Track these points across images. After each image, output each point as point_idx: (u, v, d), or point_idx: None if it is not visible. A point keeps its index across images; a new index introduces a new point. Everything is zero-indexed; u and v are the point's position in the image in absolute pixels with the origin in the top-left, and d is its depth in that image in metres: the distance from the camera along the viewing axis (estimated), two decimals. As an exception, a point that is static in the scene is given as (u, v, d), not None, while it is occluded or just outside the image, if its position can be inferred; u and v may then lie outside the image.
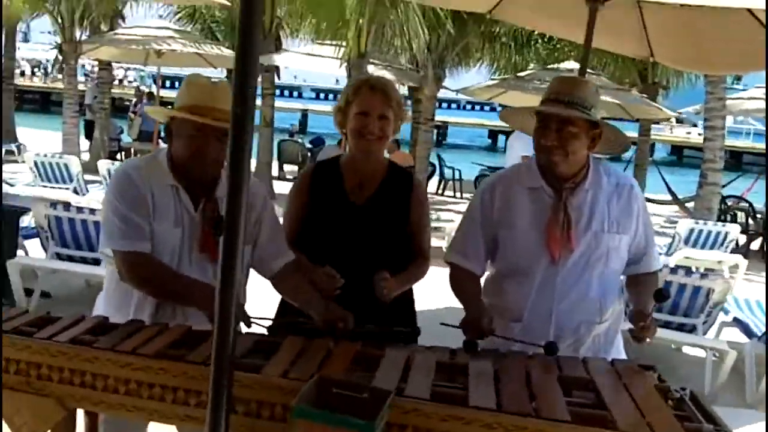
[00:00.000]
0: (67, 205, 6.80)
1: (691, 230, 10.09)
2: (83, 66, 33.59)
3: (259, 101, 17.11)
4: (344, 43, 10.17)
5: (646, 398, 2.30)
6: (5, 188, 10.07)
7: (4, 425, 2.46)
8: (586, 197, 3.01)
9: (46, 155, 10.88)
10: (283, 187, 15.96)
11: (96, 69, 19.67)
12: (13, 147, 16.28)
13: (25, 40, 47.94)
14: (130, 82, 44.90)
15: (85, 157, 16.61)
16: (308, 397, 2.10)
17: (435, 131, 43.57)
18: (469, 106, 57.08)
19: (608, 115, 14.61)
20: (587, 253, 2.99)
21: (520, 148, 11.39)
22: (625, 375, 2.51)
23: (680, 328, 6.43)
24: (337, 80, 44.03)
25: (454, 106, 58.20)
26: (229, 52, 15.29)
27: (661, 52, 6.54)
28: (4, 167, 15.43)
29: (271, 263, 3.09)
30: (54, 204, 6.80)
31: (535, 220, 3.02)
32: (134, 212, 2.89)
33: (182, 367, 2.35)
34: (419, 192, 3.36)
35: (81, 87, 20.76)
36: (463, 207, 3.36)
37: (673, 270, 6.47)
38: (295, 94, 59.46)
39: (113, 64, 21.36)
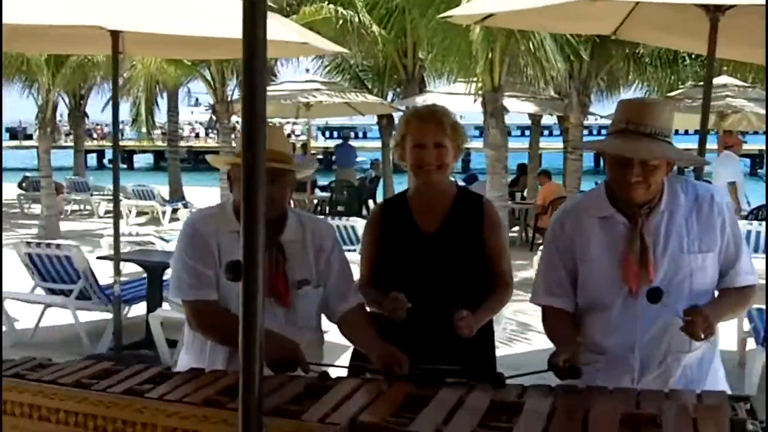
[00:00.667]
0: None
1: None
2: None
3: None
4: (475, 79, 10.10)
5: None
6: (161, 245, 10.58)
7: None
8: (662, 219, 2.79)
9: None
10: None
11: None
12: (180, 205, 17.14)
13: (197, 104, 50.65)
14: (297, 135, 46.44)
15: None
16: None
17: (598, 158, 43.13)
18: (638, 131, 55.78)
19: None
20: (667, 279, 2.76)
21: (726, 174, 10.86)
22: (701, 409, 2.29)
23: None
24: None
25: (621, 132, 56.80)
26: (373, 99, 15.62)
27: (801, 57, 6.10)
28: (173, 225, 16.27)
29: (337, 307, 3.07)
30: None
31: (609, 251, 2.82)
32: (200, 262, 2.94)
33: (223, 414, 2.32)
34: (491, 214, 3.26)
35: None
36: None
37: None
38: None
39: (279, 120, 22.14)
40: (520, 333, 7.88)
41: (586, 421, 2.21)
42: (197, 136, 52.52)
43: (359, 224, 10.13)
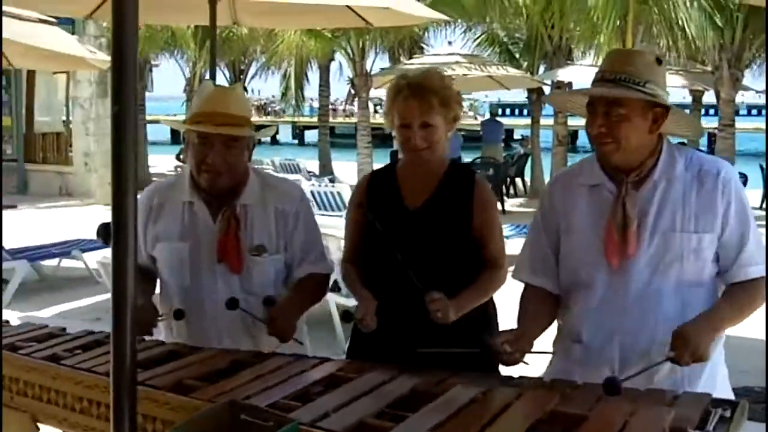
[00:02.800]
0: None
1: None
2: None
3: (551, 120, 16.72)
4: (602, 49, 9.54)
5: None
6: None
7: None
8: (655, 190, 2.42)
9: (321, 184, 11.35)
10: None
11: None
12: (326, 180, 17.33)
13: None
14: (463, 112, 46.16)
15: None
16: (210, 420, 1.87)
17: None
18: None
19: None
20: (655, 259, 2.40)
21: None
22: (639, 412, 1.94)
23: None
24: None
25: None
26: (515, 72, 15.16)
27: None
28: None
29: (295, 270, 2.89)
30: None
31: (594, 222, 2.48)
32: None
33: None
34: (483, 192, 2.91)
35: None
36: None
37: None
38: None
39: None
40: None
41: (497, 416, 1.93)
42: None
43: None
